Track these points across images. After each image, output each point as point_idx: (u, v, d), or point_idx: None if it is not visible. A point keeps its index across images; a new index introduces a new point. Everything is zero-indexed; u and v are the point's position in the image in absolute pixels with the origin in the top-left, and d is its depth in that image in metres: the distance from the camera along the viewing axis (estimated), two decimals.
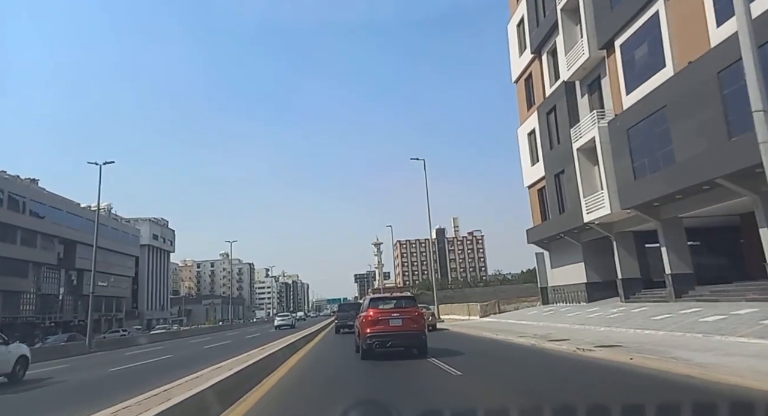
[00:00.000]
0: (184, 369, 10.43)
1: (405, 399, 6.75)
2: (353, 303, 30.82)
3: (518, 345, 14.91)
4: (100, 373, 14.75)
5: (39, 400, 10.07)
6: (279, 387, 8.45)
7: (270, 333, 34.02)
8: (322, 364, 12.82)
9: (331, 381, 9.41)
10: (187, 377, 7.78)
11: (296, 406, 7.14)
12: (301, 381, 9.40)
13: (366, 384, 8.94)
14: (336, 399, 7.14)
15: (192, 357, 18.14)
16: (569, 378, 8.36)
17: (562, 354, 11.55)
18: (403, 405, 6.05)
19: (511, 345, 15.18)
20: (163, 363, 17.01)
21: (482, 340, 17.69)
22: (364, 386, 8.70)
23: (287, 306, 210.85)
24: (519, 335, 16.68)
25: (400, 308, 12.60)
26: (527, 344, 14.57)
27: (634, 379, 7.68)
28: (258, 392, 7.87)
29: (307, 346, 18.43)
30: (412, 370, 10.10)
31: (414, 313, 12.52)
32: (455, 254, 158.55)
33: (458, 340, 17.94)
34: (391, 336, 11.96)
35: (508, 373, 9.50)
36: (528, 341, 14.89)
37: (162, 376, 9.95)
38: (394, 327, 12.05)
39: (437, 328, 24.65)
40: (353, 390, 8.18)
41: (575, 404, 4.30)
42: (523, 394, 6.99)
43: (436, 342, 15.41)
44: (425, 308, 25.16)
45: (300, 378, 9.92)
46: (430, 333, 16.22)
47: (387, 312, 12.36)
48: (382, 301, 13.18)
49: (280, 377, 9.75)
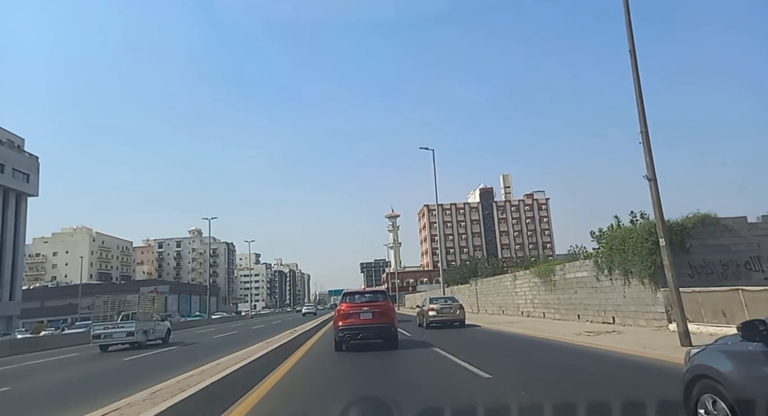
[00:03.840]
0: None
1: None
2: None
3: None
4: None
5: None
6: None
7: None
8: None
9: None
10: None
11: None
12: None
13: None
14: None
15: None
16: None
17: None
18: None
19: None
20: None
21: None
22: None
23: (281, 298, 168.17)
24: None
25: (371, 302, 13.70)
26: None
27: None
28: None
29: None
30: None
31: (384, 307, 13.55)
32: (508, 225, 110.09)
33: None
34: (361, 329, 13.13)
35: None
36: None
37: None
38: (365, 320, 13.16)
39: (466, 324, 22.06)
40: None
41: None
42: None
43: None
44: (451, 300, 22.99)
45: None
46: (453, 329, 19.76)
47: (358, 306, 13.48)
48: (354, 296, 14.24)
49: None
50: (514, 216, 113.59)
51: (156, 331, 23.07)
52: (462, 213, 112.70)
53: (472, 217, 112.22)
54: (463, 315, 21.94)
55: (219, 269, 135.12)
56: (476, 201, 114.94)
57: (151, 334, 22.54)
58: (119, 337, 21.03)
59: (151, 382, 7.81)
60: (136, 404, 5.57)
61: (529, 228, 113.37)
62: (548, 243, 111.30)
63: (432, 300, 22.60)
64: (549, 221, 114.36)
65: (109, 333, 21.01)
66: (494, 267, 55.82)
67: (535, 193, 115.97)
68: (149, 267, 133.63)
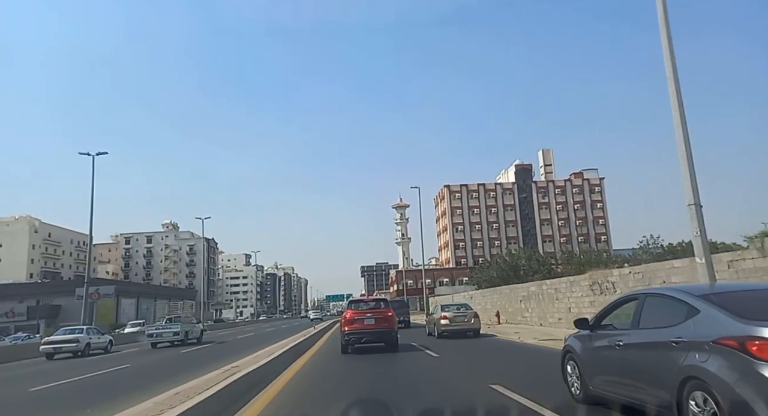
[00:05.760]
0: None
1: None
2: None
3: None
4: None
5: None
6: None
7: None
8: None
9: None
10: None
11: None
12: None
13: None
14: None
15: None
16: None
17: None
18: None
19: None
20: None
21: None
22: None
23: (274, 303, 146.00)
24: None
25: (374, 309, 15.50)
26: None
27: None
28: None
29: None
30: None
31: (386, 313, 15.23)
32: (550, 211, 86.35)
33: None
34: (364, 333, 14.75)
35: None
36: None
37: None
38: (368, 325, 14.77)
39: (480, 334, 20.99)
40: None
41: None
42: None
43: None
44: (465, 308, 22.00)
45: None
46: (466, 340, 19.02)
47: (362, 313, 15.16)
48: (358, 303, 16.56)
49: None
50: (559, 201, 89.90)
51: (193, 332, 28.05)
52: (492, 197, 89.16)
53: (506, 201, 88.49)
54: (479, 325, 21.22)
55: (197, 269, 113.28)
56: (510, 181, 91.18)
57: (191, 334, 27.37)
58: (167, 336, 25.80)
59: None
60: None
61: (578, 215, 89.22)
62: (603, 236, 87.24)
63: (444, 308, 21.98)
64: (604, 207, 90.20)
65: (160, 333, 25.90)
66: (540, 264, 44.17)
67: (585, 171, 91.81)
68: (114, 266, 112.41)
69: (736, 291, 5.27)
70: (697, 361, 4.13)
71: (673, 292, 5.14)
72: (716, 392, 3.90)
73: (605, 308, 6.22)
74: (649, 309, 5.21)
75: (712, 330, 4.18)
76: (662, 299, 5.20)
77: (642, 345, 5.03)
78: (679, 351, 4.36)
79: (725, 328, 4.08)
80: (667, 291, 5.48)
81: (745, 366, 3.78)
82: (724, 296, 4.67)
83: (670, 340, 4.50)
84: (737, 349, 3.86)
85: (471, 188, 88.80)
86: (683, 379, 4.24)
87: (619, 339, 5.33)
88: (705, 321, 4.33)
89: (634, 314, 5.37)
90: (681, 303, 4.73)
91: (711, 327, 4.21)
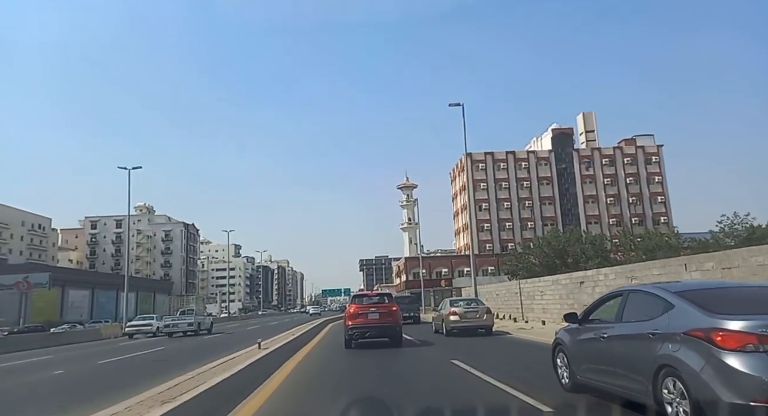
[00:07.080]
0: None
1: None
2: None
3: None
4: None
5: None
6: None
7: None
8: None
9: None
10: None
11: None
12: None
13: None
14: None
15: None
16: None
17: None
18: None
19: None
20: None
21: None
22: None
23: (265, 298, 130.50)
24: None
25: (378, 303, 15.22)
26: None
27: None
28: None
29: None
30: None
31: (391, 308, 15.01)
32: (596, 186, 68.99)
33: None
34: (368, 328, 14.48)
35: None
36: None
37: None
38: (372, 320, 14.52)
39: (493, 332, 19.41)
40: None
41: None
42: None
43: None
44: (476, 303, 20.47)
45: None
46: (477, 338, 17.40)
47: (366, 307, 14.92)
48: (362, 298, 16.28)
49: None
50: (607, 174, 72.56)
51: (204, 323, 32.54)
52: (525, 168, 72.22)
53: (540, 173, 71.50)
54: (491, 321, 19.98)
55: (173, 258, 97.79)
56: (546, 149, 73.95)
57: (202, 326, 31.54)
58: (183, 327, 29.81)
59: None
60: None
61: (630, 191, 71.84)
62: (662, 216, 69.83)
63: (453, 303, 20.53)
64: (663, 182, 72.72)
65: (176, 324, 30.01)
66: (596, 248, 36.33)
67: (638, 137, 74.32)
68: (79, 254, 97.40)
69: (710, 288, 5.57)
70: (670, 351, 4.53)
71: (653, 289, 5.49)
72: (685, 377, 4.31)
73: (593, 303, 6.59)
74: (631, 304, 5.61)
75: (684, 323, 4.57)
76: (643, 295, 5.57)
77: (623, 337, 5.42)
78: (655, 342, 4.76)
79: (695, 321, 4.47)
80: (647, 288, 5.75)
81: (709, 355, 4.17)
82: (698, 293, 5.05)
83: (648, 332, 4.91)
84: (703, 339, 4.27)
85: (498, 157, 72.06)
86: (658, 367, 4.64)
87: (604, 332, 5.74)
88: (678, 315, 4.71)
89: (617, 309, 5.78)
90: (659, 298, 5.11)
91: (683, 321, 4.60)
